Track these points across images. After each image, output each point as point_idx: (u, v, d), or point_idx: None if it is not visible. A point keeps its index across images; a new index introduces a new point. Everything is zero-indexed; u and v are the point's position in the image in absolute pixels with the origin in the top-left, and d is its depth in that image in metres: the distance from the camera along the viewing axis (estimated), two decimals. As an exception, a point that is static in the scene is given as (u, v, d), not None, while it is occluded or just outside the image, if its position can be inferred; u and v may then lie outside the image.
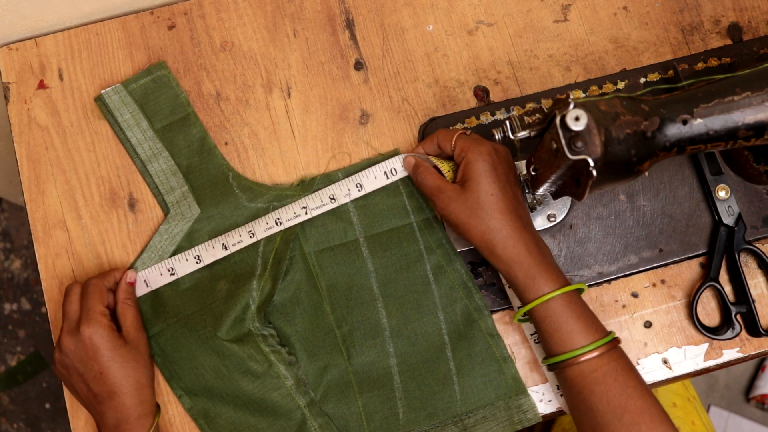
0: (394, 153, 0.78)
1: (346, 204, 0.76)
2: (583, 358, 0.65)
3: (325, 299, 0.75)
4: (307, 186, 0.77)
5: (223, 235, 0.75)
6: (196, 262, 0.75)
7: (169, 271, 0.75)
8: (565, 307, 0.66)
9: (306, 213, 0.75)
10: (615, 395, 0.64)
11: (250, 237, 0.74)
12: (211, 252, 0.75)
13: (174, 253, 0.75)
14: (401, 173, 0.76)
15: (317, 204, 0.75)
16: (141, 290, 0.74)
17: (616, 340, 0.66)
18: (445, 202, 0.70)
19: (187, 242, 0.76)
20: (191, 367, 0.73)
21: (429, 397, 0.74)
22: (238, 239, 0.74)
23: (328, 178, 0.77)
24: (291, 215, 0.75)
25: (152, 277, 0.74)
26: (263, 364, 0.72)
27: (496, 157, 0.69)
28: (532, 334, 0.74)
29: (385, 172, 0.76)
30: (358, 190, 0.76)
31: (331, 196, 0.75)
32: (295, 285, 0.76)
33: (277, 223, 0.75)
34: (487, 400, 0.74)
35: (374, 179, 0.76)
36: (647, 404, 0.64)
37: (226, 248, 0.74)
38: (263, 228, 0.75)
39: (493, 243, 0.67)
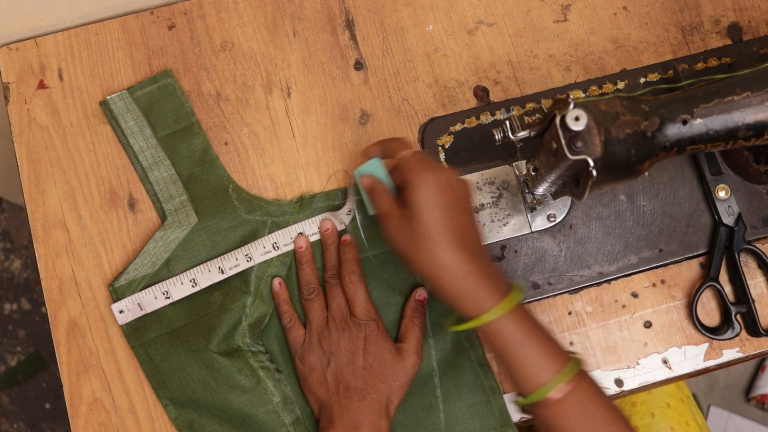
0: None
1: (344, 224, 0.76)
2: (550, 399, 0.62)
3: None
4: (306, 204, 0.77)
5: (219, 258, 0.74)
6: (192, 286, 0.74)
7: (164, 294, 0.74)
8: (521, 334, 0.63)
9: None
10: (581, 429, 0.62)
11: (247, 261, 0.74)
12: (207, 276, 0.74)
13: (168, 262, 0.75)
14: None
15: (314, 230, 0.76)
16: (135, 314, 0.74)
17: (580, 366, 0.64)
18: (389, 229, 0.66)
19: (182, 250, 0.75)
20: (179, 378, 0.73)
21: (414, 423, 0.73)
22: (235, 263, 0.74)
23: (328, 197, 0.77)
24: (288, 240, 0.75)
25: (146, 301, 0.74)
26: (252, 379, 0.72)
27: (441, 183, 0.64)
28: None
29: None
30: (351, 216, 0.76)
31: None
32: None
33: (274, 248, 0.75)
34: (471, 430, 0.73)
35: (371, 206, 0.76)
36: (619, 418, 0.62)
37: (222, 272, 0.74)
38: (260, 252, 0.74)
39: (437, 276, 0.64)
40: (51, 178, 0.78)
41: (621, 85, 0.80)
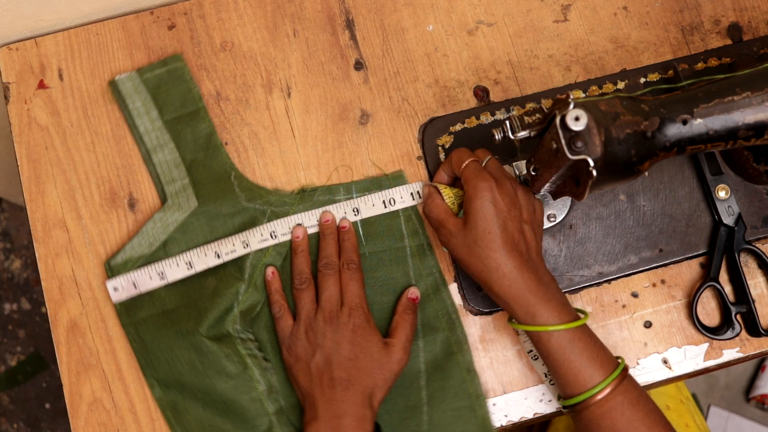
0: (399, 175, 0.78)
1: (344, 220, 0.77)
2: (592, 401, 0.64)
3: None
4: (308, 196, 0.77)
5: (216, 243, 0.74)
6: (188, 268, 0.74)
7: (159, 275, 0.74)
8: (568, 341, 0.65)
9: None
10: (621, 430, 0.64)
11: (244, 247, 0.74)
12: (204, 259, 0.74)
13: (165, 243, 0.75)
14: (399, 204, 0.76)
15: (313, 222, 0.76)
16: (129, 292, 0.74)
17: (624, 371, 0.66)
18: (446, 236, 0.69)
19: (180, 233, 0.75)
20: (167, 359, 0.73)
21: (396, 423, 0.73)
22: (232, 248, 0.74)
23: (329, 191, 0.77)
24: (286, 230, 0.75)
25: (141, 280, 0.74)
26: (239, 365, 0.72)
27: (498, 191, 0.66)
28: (529, 351, 0.73)
29: (384, 201, 0.76)
30: (355, 215, 0.76)
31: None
32: None
33: (272, 236, 0.75)
34: None
35: (372, 206, 0.76)
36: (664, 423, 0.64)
37: (218, 256, 0.74)
38: (258, 239, 0.74)
39: (490, 282, 0.66)
40: (51, 178, 0.78)
41: (621, 85, 0.80)
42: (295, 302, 0.74)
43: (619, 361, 0.66)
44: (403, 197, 0.76)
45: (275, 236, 0.75)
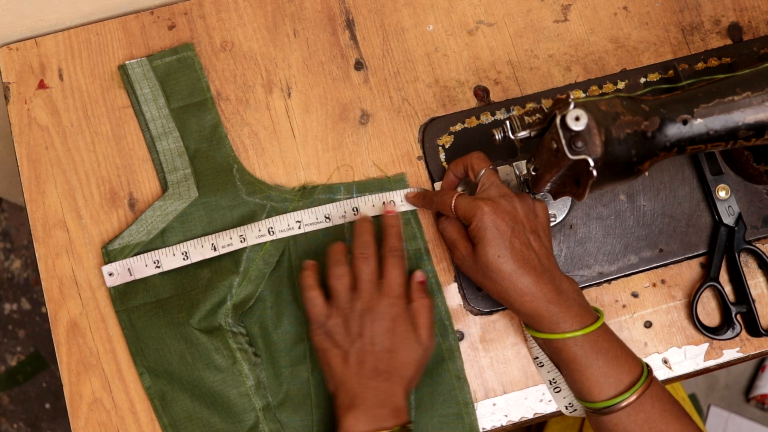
0: (400, 178, 0.78)
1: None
2: (624, 402, 0.64)
3: (302, 310, 0.75)
4: (308, 194, 0.77)
5: (213, 235, 0.74)
6: (183, 259, 0.74)
7: (154, 263, 0.74)
8: (593, 343, 0.65)
9: (300, 228, 0.75)
10: (656, 422, 0.64)
11: (241, 241, 0.74)
12: (200, 251, 0.74)
13: (163, 232, 0.75)
14: (399, 207, 0.76)
15: (312, 220, 0.76)
16: (124, 278, 0.74)
17: (649, 374, 0.66)
18: (459, 259, 0.70)
19: (179, 222, 0.75)
20: (158, 348, 0.73)
21: None
22: (228, 241, 0.74)
23: (330, 190, 0.77)
24: (284, 227, 0.75)
25: (137, 267, 0.74)
26: (228, 359, 0.72)
27: (496, 213, 0.66)
28: (535, 359, 0.73)
29: (384, 203, 0.76)
30: (354, 214, 0.76)
31: (327, 216, 0.76)
32: (275, 290, 0.75)
33: (269, 232, 0.75)
34: None
35: (372, 207, 0.76)
36: (683, 425, 0.65)
37: (215, 249, 0.74)
38: (255, 234, 0.74)
39: (509, 301, 0.67)
40: (51, 178, 0.78)
41: (621, 85, 0.80)
42: (329, 287, 0.71)
43: (642, 366, 0.66)
44: (403, 200, 0.76)
45: (273, 232, 0.75)
